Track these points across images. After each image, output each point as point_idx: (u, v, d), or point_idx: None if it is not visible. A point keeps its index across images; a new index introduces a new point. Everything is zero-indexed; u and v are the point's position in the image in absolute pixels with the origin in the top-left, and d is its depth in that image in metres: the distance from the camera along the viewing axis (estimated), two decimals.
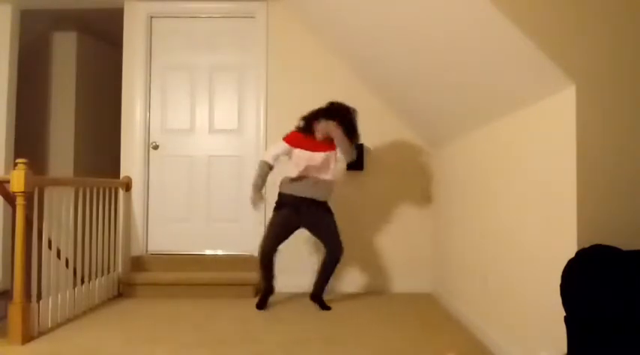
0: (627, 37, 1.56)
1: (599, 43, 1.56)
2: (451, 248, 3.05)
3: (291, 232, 2.99)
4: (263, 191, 2.99)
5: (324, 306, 3.01)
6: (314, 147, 2.91)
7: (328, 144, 2.93)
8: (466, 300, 2.70)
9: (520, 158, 2.00)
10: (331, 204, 3.07)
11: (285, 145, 2.95)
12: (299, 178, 2.92)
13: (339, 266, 3.03)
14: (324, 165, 2.92)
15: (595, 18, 1.56)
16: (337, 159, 2.98)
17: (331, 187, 3.01)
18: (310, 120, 2.95)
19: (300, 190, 2.92)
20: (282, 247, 2.99)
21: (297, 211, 2.93)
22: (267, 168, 2.94)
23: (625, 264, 1.30)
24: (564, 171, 1.62)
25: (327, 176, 2.95)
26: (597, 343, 1.27)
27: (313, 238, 3.18)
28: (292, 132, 2.98)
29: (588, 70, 1.56)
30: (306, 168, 2.89)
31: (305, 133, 2.94)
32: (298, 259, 3.43)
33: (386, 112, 3.59)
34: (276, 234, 2.94)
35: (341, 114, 2.91)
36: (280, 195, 2.99)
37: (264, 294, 3.00)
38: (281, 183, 3.01)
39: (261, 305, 2.97)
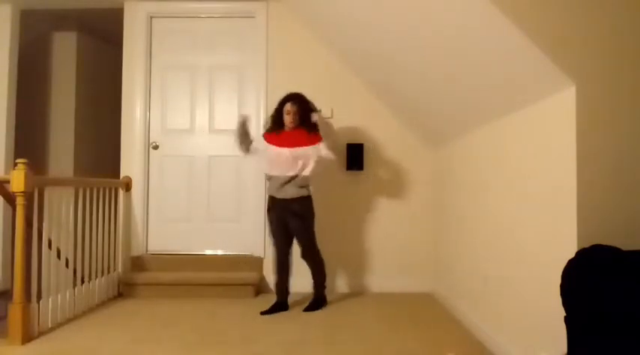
0: (627, 37, 1.56)
1: (599, 43, 1.56)
2: (451, 248, 3.05)
3: (290, 235, 2.96)
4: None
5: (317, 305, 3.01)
6: (280, 144, 2.90)
7: (296, 139, 2.88)
8: (466, 300, 2.70)
9: (520, 158, 2.00)
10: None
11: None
12: (270, 177, 2.94)
13: (325, 268, 3.05)
14: (291, 161, 2.86)
15: (595, 18, 1.56)
16: (317, 152, 2.88)
17: (302, 183, 2.89)
18: (279, 114, 2.96)
19: (274, 191, 2.91)
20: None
21: (280, 212, 2.91)
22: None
23: (625, 263, 1.30)
24: (564, 171, 1.62)
25: (292, 172, 2.86)
26: (597, 343, 1.27)
27: None
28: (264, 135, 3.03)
29: (588, 70, 1.56)
30: (274, 165, 2.90)
31: (275, 130, 2.96)
32: (299, 260, 3.43)
33: (386, 112, 3.59)
34: (277, 242, 2.98)
35: (303, 101, 2.95)
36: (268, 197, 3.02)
37: (274, 305, 2.93)
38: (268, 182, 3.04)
39: (267, 312, 2.87)
